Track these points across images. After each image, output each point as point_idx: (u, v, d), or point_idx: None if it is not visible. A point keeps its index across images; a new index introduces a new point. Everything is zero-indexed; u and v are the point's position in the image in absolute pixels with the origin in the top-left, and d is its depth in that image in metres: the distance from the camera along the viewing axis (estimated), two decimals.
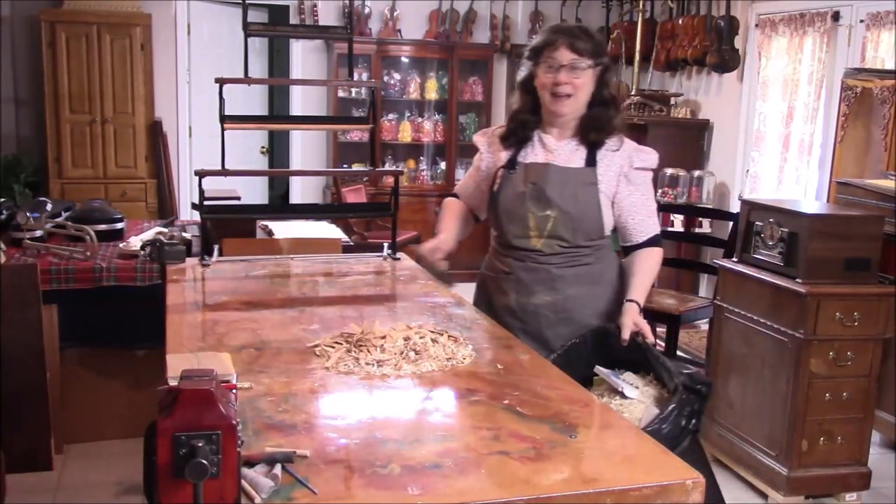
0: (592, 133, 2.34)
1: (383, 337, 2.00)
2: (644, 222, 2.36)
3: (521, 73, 2.40)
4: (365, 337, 2.01)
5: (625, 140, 2.39)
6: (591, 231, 2.34)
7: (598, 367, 2.09)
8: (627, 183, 2.34)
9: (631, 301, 2.24)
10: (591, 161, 2.34)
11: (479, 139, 2.57)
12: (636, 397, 1.94)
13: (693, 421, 1.88)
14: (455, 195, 2.65)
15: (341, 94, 7.01)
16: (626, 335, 2.14)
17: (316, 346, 1.99)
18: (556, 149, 2.37)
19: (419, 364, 1.87)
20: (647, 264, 2.35)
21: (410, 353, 1.92)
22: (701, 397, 1.93)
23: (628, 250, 2.39)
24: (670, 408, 1.86)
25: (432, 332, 2.07)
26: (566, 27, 2.35)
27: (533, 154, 2.39)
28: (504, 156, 2.43)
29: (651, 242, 2.37)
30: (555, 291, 2.34)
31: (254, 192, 7.05)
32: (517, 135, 2.41)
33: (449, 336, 2.07)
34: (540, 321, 2.34)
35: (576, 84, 2.28)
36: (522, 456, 1.44)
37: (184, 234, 3.66)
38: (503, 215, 2.40)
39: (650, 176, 2.40)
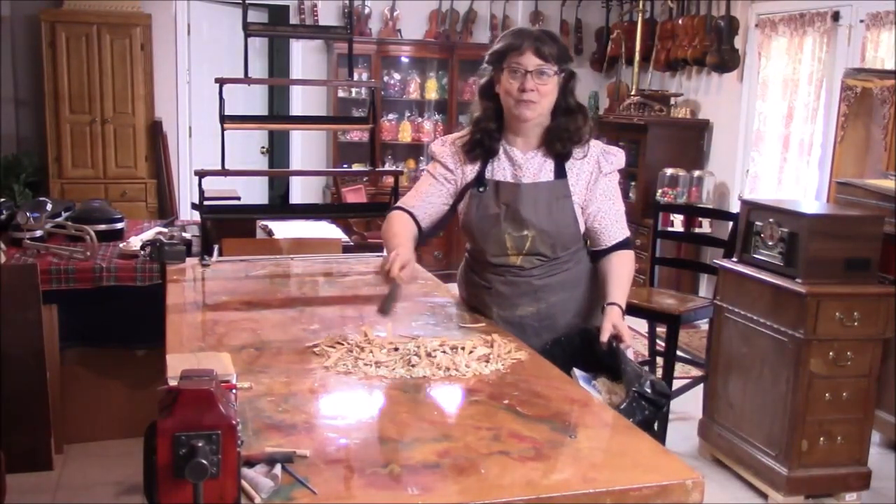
0: (558, 144, 2.25)
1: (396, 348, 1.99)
2: (612, 227, 2.30)
3: (483, 79, 2.30)
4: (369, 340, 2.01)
5: (590, 141, 2.31)
6: (568, 243, 2.29)
7: (574, 369, 2.07)
8: (597, 189, 2.28)
9: (612, 304, 2.18)
10: (560, 172, 2.27)
11: (439, 150, 2.39)
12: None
13: (645, 432, 1.84)
14: (401, 209, 2.35)
15: (341, 94, 7.01)
16: (604, 338, 2.08)
17: (316, 346, 2.00)
18: (524, 162, 2.28)
19: (413, 370, 1.86)
20: (623, 268, 2.28)
21: (414, 358, 1.91)
22: (656, 407, 1.90)
23: (598, 255, 2.32)
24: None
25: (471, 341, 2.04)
26: (532, 31, 2.23)
27: (500, 169, 2.30)
28: (470, 170, 2.33)
29: (621, 246, 2.31)
30: (538, 301, 2.29)
31: (254, 192, 7.05)
32: (482, 146, 2.31)
33: (485, 345, 2.04)
34: (525, 331, 2.28)
35: (542, 91, 2.18)
36: (522, 456, 1.44)
37: (184, 234, 3.66)
38: (478, 236, 2.31)
39: (618, 177, 2.34)
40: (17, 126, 6.30)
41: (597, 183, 2.28)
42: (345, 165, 7.04)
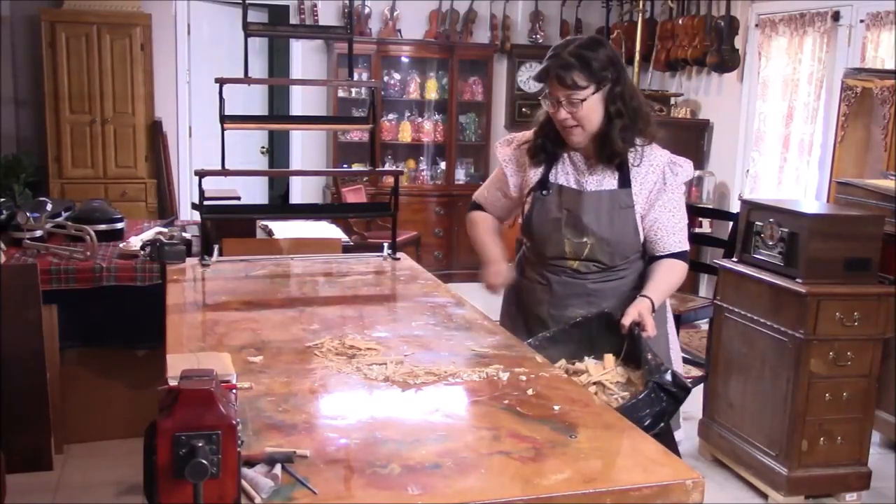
0: (604, 158, 2.24)
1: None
2: (669, 238, 2.27)
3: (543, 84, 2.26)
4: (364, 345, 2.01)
5: (657, 150, 2.29)
6: (627, 252, 2.29)
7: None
8: (658, 200, 2.26)
9: (644, 296, 2.17)
10: (624, 180, 2.25)
11: (503, 151, 2.43)
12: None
13: (661, 424, 1.83)
14: (478, 205, 2.55)
15: (341, 94, 7.01)
16: (626, 322, 2.09)
17: (316, 346, 1.99)
18: (588, 168, 2.28)
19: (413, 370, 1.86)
20: (669, 273, 2.26)
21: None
22: (675, 400, 1.89)
23: (650, 261, 2.32)
24: (631, 403, 1.83)
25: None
26: (558, 57, 2.15)
27: (564, 174, 2.29)
28: (533, 174, 2.34)
29: (675, 256, 2.29)
30: (590, 305, 2.28)
31: (254, 192, 7.05)
32: (546, 151, 2.30)
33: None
34: None
35: (577, 116, 2.17)
36: (522, 456, 1.44)
37: (184, 234, 3.66)
38: (538, 238, 2.33)
39: (683, 189, 2.32)
40: (17, 126, 6.31)
41: (660, 194, 2.27)
42: (345, 165, 7.04)
